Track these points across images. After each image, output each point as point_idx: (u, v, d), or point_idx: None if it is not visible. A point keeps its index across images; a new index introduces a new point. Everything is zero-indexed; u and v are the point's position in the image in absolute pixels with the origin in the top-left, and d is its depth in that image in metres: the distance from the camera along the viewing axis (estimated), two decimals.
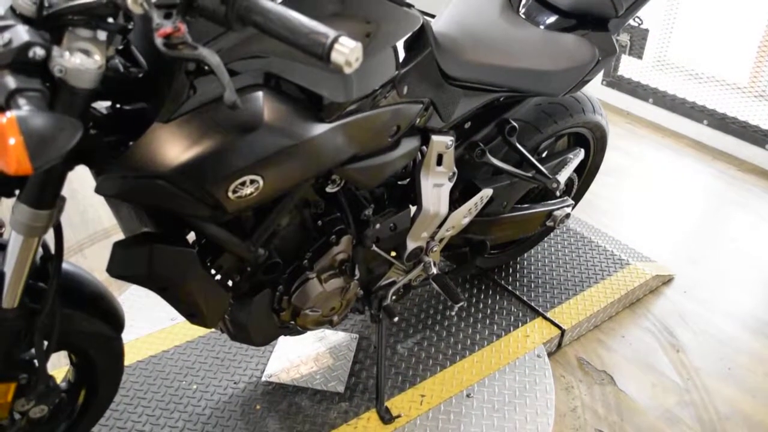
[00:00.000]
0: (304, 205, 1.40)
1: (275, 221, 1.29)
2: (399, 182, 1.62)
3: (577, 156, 1.91)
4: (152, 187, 1.04)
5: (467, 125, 1.64)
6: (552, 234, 2.45)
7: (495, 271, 2.28)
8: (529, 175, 1.77)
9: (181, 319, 2.01)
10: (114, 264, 1.13)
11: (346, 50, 0.75)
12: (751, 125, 3.26)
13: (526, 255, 2.36)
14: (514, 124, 1.67)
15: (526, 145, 1.80)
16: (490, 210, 1.81)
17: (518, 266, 2.32)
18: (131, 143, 1.05)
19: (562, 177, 1.84)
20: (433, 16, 1.72)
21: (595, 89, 3.85)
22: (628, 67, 3.73)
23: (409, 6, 1.32)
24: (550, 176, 1.80)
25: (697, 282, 2.41)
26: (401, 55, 1.28)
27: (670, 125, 3.57)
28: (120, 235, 1.24)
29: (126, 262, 1.13)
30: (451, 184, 1.61)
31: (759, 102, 3.29)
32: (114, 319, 1.39)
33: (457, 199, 1.73)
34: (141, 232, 1.16)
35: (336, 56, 0.75)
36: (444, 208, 1.62)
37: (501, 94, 1.58)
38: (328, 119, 1.16)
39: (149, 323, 2.02)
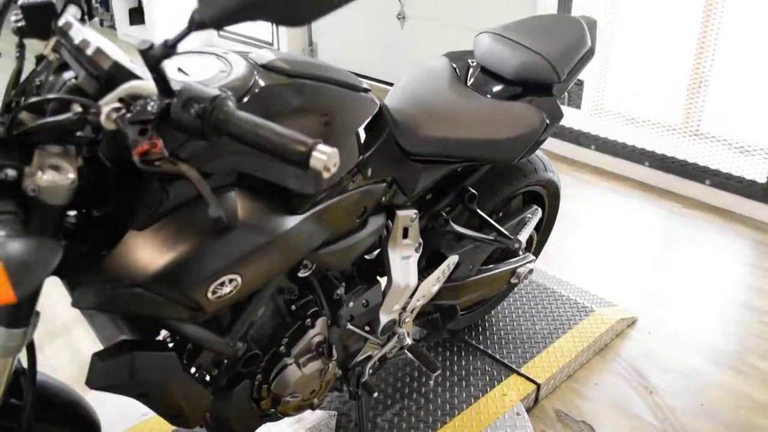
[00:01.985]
0: (278, 292, 1.40)
1: (252, 314, 1.29)
2: (367, 257, 1.65)
3: (536, 215, 1.97)
4: (131, 295, 1.03)
5: (429, 196, 1.68)
6: (516, 288, 2.49)
7: (465, 331, 2.30)
8: (492, 237, 1.82)
9: (152, 413, 1.95)
10: (94, 376, 1.11)
11: (324, 157, 0.78)
12: (690, 163, 3.41)
13: (493, 312, 2.39)
14: (474, 191, 1.72)
15: (485, 207, 1.85)
16: (458, 275, 1.84)
17: (487, 324, 2.34)
18: (104, 252, 1.05)
19: (523, 236, 1.90)
20: (391, 84, 1.78)
21: None
22: (568, 117, 3.88)
23: (367, 90, 1.36)
24: (512, 237, 1.85)
25: (659, 321, 2.48)
26: (363, 137, 1.32)
27: (614, 169, 3.71)
28: (79, 336, 1.22)
29: (107, 373, 1.11)
30: (418, 255, 1.64)
31: (694, 140, 3.45)
32: (89, 426, 1.35)
33: (424, 267, 1.75)
34: (119, 340, 1.15)
35: (315, 163, 0.78)
36: (413, 279, 1.64)
37: (459, 165, 1.63)
38: (300, 211, 1.18)
39: (121, 421, 1.95)
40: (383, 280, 1.64)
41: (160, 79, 0.86)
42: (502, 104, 1.71)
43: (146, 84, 0.90)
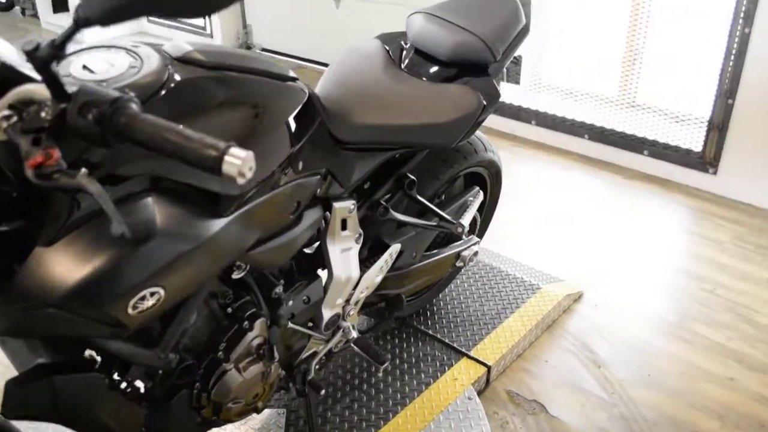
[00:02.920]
0: (211, 297, 1.33)
1: (183, 323, 1.22)
2: (306, 251, 1.59)
3: (477, 197, 1.94)
4: (44, 317, 0.95)
5: (367, 185, 1.63)
6: (462, 270, 2.47)
7: (414, 317, 2.27)
8: (434, 223, 1.78)
9: None
10: (11, 405, 1.02)
11: (238, 161, 0.71)
12: (628, 134, 3.45)
13: (441, 296, 2.37)
14: (413, 177, 1.67)
15: (426, 192, 1.81)
16: (401, 263, 1.80)
17: (435, 308, 2.32)
18: (14, 271, 0.96)
19: (466, 220, 1.86)
20: (326, 65, 1.70)
21: None
22: (508, 92, 3.87)
23: (294, 79, 1.29)
24: (454, 221, 1.81)
25: (605, 294, 2.50)
26: (293, 128, 1.25)
27: (555, 143, 3.72)
28: None
29: (25, 401, 1.03)
30: (358, 246, 1.59)
31: (631, 112, 3.49)
32: None
33: (366, 257, 1.70)
34: (36, 364, 1.06)
35: (228, 168, 0.71)
36: (355, 271, 1.59)
37: (395, 152, 1.58)
38: (225, 213, 1.11)
39: None
40: (325, 274, 1.58)
41: (52, 81, 0.78)
42: (438, 87, 1.66)
43: (39, 87, 0.81)
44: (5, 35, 7.09)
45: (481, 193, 1.97)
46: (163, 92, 1.01)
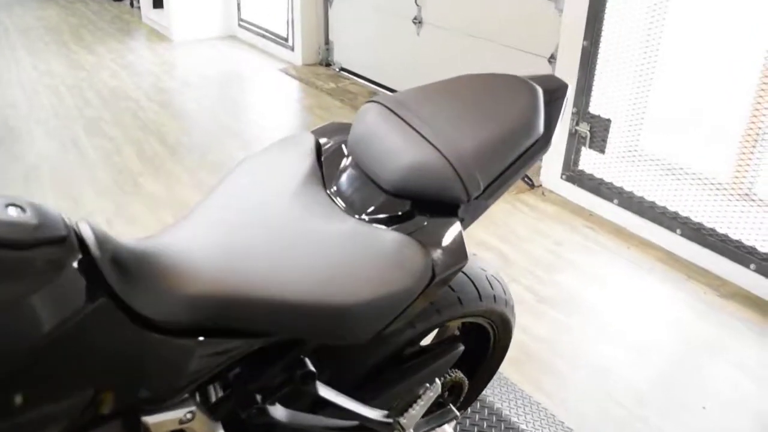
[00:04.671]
0: None
1: None
2: None
3: (433, 390, 1.30)
4: None
5: (236, 370, 1.06)
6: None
7: None
8: (352, 424, 1.19)
9: None
10: None
11: None
12: (732, 238, 2.68)
13: None
14: (310, 368, 1.08)
15: (367, 362, 1.24)
16: None
17: None
18: None
19: (411, 419, 1.26)
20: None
21: (553, 183, 3.30)
22: (590, 162, 3.18)
23: (58, 239, 0.78)
24: (390, 419, 1.22)
25: None
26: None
27: (638, 231, 3.01)
28: None
29: None
30: None
31: (741, 206, 2.71)
32: None
33: None
34: None
35: None
36: None
37: (263, 339, 1.00)
38: None
39: None
40: None
41: None
42: (367, 232, 1.06)
43: None
44: (108, 25, 7.08)
45: (439, 385, 1.32)
46: None
